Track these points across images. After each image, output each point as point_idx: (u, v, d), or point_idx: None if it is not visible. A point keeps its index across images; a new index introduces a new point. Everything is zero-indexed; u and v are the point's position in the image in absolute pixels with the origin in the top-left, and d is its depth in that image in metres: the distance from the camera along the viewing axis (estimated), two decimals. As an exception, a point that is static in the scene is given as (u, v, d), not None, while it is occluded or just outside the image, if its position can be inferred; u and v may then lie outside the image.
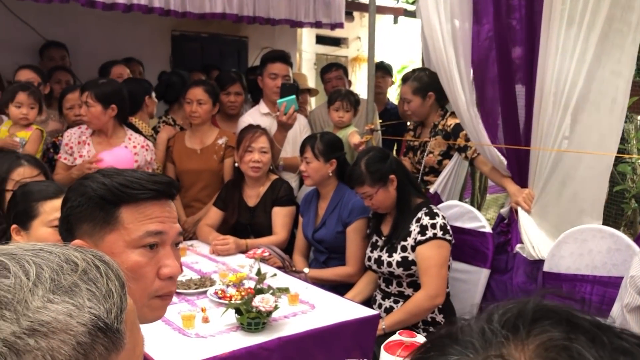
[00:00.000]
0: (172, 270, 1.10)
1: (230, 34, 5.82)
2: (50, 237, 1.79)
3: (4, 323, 0.53)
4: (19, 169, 2.18)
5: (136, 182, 1.08)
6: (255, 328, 1.97)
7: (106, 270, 0.62)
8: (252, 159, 3.06)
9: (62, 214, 1.12)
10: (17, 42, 4.43)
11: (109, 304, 0.59)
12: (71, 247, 0.63)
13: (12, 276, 0.56)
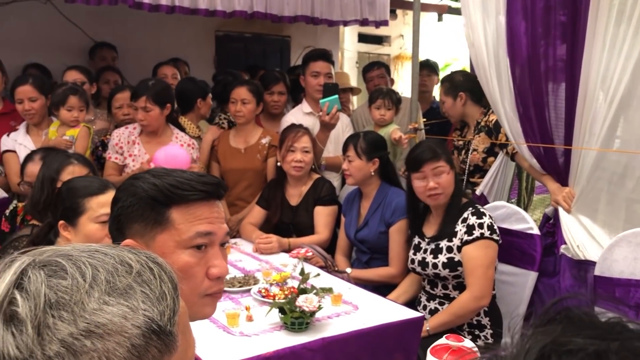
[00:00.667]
0: (221, 270, 1.11)
1: (273, 33, 5.85)
2: (98, 233, 1.82)
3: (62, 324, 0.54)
4: (69, 167, 2.23)
5: (186, 183, 1.09)
6: (299, 328, 1.97)
7: (159, 272, 0.62)
8: (294, 158, 3.06)
9: (112, 213, 1.13)
10: (68, 43, 4.55)
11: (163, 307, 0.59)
12: (125, 249, 0.63)
13: (69, 277, 0.57)
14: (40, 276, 0.57)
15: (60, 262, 0.59)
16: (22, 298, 0.55)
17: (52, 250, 0.62)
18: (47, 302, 0.55)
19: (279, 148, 3.18)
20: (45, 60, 4.11)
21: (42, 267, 0.58)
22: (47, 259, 0.60)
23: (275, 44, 5.99)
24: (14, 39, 4.17)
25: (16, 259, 0.60)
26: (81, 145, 3.05)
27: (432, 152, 2.47)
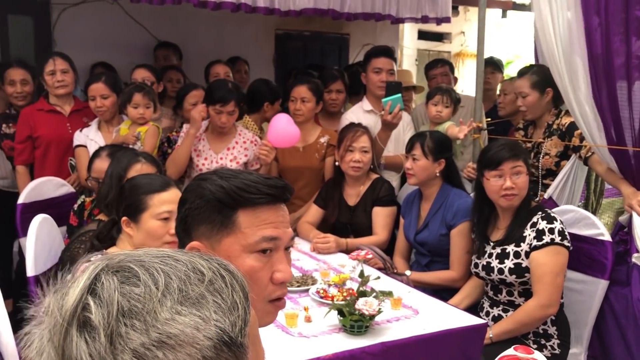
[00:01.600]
0: (285, 275, 1.09)
1: (331, 31, 5.82)
2: (160, 230, 1.84)
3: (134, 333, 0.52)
4: (137, 165, 2.28)
5: (253, 186, 1.07)
6: (358, 331, 1.93)
7: (231, 281, 0.59)
8: (352, 158, 3.02)
9: (179, 214, 1.13)
10: (132, 42, 4.67)
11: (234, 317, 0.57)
12: (196, 254, 0.62)
13: (141, 285, 0.56)
14: (114, 282, 0.56)
15: (132, 268, 0.58)
16: (95, 305, 0.55)
17: (124, 254, 0.61)
18: (120, 310, 0.54)
19: (337, 147, 3.15)
20: (112, 59, 4.23)
21: (115, 273, 0.57)
22: (120, 264, 0.59)
23: (334, 42, 5.96)
24: (82, 38, 4.31)
25: (90, 263, 0.59)
26: (149, 143, 3.12)
27: (512, 150, 2.38)
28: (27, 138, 3.38)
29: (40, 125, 3.37)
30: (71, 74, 3.42)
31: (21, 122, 3.41)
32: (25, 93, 3.63)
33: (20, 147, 3.42)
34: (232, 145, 3.28)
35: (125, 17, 4.65)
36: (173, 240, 1.86)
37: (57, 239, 2.48)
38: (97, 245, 1.95)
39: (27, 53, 4.39)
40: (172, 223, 1.86)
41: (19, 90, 3.61)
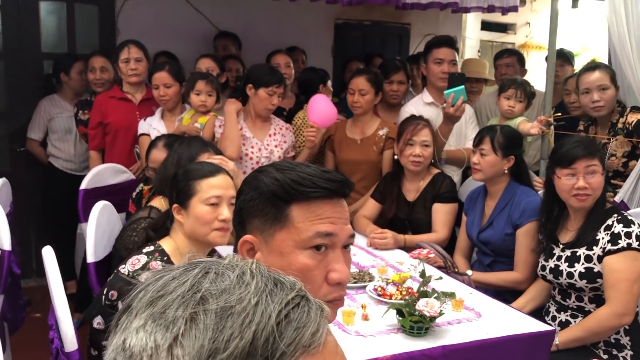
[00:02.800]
0: (341, 275, 1.02)
1: (392, 21, 5.70)
2: (208, 215, 1.82)
3: None
4: (205, 154, 2.28)
5: (309, 179, 1.01)
6: (418, 333, 1.85)
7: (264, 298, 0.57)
8: (412, 152, 2.93)
9: (236, 206, 1.10)
10: (193, 32, 4.69)
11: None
12: (286, 289, 0.57)
13: (227, 330, 0.54)
14: (212, 321, 0.53)
15: (231, 305, 0.54)
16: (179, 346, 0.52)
17: (234, 267, 0.58)
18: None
19: (396, 141, 3.06)
20: (173, 48, 4.26)
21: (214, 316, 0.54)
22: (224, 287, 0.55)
23: (395, 32, 5.84)
24: (145, 27, 4.35)
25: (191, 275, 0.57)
26: (209, 132, 3.12)
27: (587, 148, 2.23)
28: (99, 124, 3.48)
29: (111, 112, 3.45)
30: (144, 63, 3.47)
31: (94, 109, 3.52)
32: (103, 80, 3.73)
33: (92, 133, 3.52)
34: (272, 132, 3.25)
35: (186, 6, 4.68)
36: (222, 227, 1.84)
37: (116, 226, 2.50)
38: (153, 236, 1.95)
39: (92, 41, 4.49)
40: (221, 209, 1.84)
41: (97, 77, 3.73)
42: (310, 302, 0.57)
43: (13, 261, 2.26)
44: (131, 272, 1.75)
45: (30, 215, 4.06)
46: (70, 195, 3.58)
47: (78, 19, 4.44)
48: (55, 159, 4.02)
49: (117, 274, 1.77)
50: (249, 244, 1.04)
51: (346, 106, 3.54)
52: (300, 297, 0.57)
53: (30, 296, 3.84)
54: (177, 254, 1.85)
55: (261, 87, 3.10)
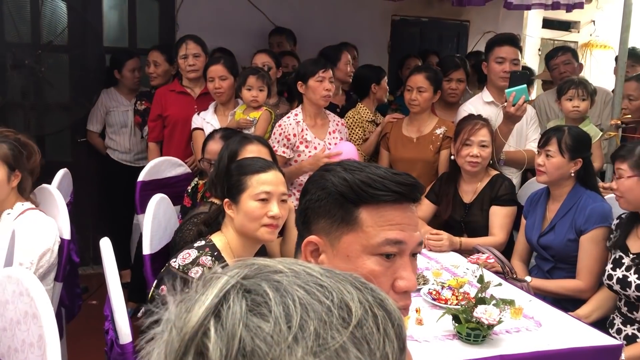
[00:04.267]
0: (408, 284, 0.97)
1: (451, 17, 5.58)
2: (257, 211, 1.81)
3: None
4: (250, 146, 2.27)
5: (379, 181, 0.97)
6: (475, 340, 1.79)
7: (385, 324, 0.48)
8: (470, 153, 2.83)
9: (300, 205, 1.06)
10: (250, 27, 4.71)
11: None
12: (348, 278, 0.51)
13: (271, 320, 0.45)
14: (241, 308, 0.46)
15: (266, 291, 0.48)
16: (216, 334, 0.46)
17: (261, 266, 0.52)
18: (241, 350, 0.45)
19: (453, 140, 2.97)
20: (230, 43, 4.28)
21: (246, 294, 0.48)
22: (254, 282, 0.49)
23: (453, 29, 5.71)
24: (203, 23, 4.40)
25: (224, 274, 0.51)
26: (261, 127, 3.12)
27: (629, 153, 2.12)
28: (158, 117, 3.55)
29: (170, 106, 3.51)
30: (202, 58, 3.51)
31: (155, 101, 3.59)
32: (156, 74, 3.82)
33: (151, 125, 3.60)
34: (332, 129, 3.21)
35: (244, 1, 4.71)
36: (271, 223, 1.81)
37: (172, 219, 2.53)
38: (205, 230, 1.95)
39: (152, 36, 4.57)
40: (270, 205, 1.82)
41: (151, 71, 3.83)
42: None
43: (72, 250, 2.31)
44: (181, 266, 1.75)
45: (88, 204, 4.17)
46: (126, 185, 3.71)
47: (139, 13, 4.53)
48: (112, 151, 4.13)
49: (167, 268, 1.77)
50: (313, 244, 1.00)
51: (402, 104, 3.48)
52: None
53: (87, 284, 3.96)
54: (227, 249, 1.85)
55: (309, 78, 3.07)
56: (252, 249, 1.91)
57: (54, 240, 2.12)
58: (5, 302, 1.38)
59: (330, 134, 3.19)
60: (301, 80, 3.07)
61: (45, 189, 2.40)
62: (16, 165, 2.16)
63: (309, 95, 3.08)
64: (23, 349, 1.28)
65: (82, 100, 4.00)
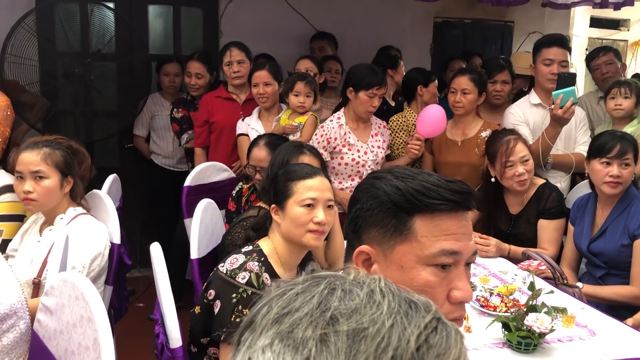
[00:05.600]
0: (464, 295, 0.95)
1: (494, 18, 5.49)
2: (303, 217, 1.81)
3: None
4: (302, 157, 2.28)
5: (434, 189, 0.94)
6: (526, 349, 1.75)
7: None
8: (515, 173, 2.69)
9: (350, 214, 1.04)
10: (291, 33, 4.74)
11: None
12: (420, 310, 0.52)
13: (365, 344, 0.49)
14: (344, 343, 0.49)
15: (364, 327, 0.49)
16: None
17: (362, 284, 0.54)
18: None
19: (489, 163, 2.83)
20: (272, 49, 4.32)
21: (347, 337, 0.50)
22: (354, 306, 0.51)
23: (497, 30, 5.62)
24: (246, 29, 4.45)
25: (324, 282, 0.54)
26: (307, 132, 3.13)
27: None
28: (204, 123, 3.61)
29: (217, 112, 3.56)
30: (247, 64, 3.55)
31: (201, 108, 3.65)
32: (198, 85, 3.87)
33: (198, 131, 3.66)
34: (374, 132, 3.19)
35: (286, 7, 4.74)
36: (316, 229, 1.81)
37: (218, 223, 2.56)
38: (253, 235, 1.96)
39: (196, 43, 4.65)
40: (316, 211, 1.81)
41: (192, 82, 3.87)
42: (448, 326, 0.52)
43: (124, 253, 2.36)
44: (229, 270, 1.76)
45: (135, 209, 4.26)
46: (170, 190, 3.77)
47: (183, 21, 4.61)
48: (155, 156, 4.22)
49: (216, 272, 1.79)
50: (365, 254, 0.98)
51: (446, 106, 3.44)
52: (437, 320, 0.52)
53: (134, 286, 4.04)
54: (274, 254, 1.85)
55: (361, 90, 3.06)
56: (298, 254, 1.91)
57: (104, 244, 2.18)
58: (61, 305, 1.42)
59: (373, 137, 3.18)
60: (352, 87, 3.07)
61: (96, 194, 2.46)
62: (68, 171, 2.22)
63: (356, 104, 3.08)
64: (79, 352, 1.32)
65: (129, 107, 4.10)
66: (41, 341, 1.49)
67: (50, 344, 1.45)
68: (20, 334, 1.62)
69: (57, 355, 1.41)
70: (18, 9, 3.88)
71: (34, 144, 2.20)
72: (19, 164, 2.16)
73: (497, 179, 2.79)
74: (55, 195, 2.18)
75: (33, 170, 2.15)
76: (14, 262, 2.17)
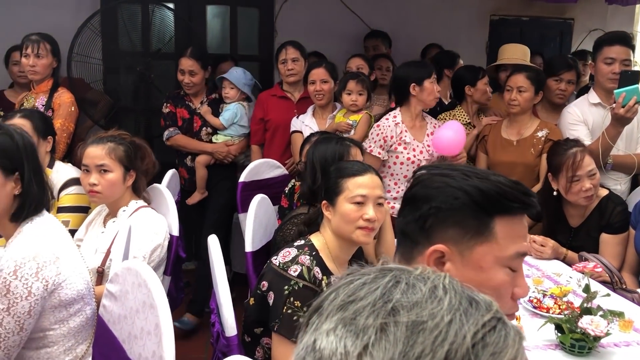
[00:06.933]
0: (525, 291, 1.01)
1: (553, 16, 5.36)
2: (353, 214, 1.83)
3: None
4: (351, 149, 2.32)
5: (510, 192, 0.97)
6: (579, 352, 1.72)
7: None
8: (582, 188, 2.55)
9: (418, 210, 1.02)
10: (345, 31, 4.78)
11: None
12: (481, 309, 0.54)
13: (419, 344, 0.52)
14: (402, 334, 0.52)
15: (423, 320, 0.52)
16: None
17: (424, 280, 0.57)
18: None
19: (553, 176, 2.68)
20: (326, 48, 4.37)
21: (406, 327, 0.53)
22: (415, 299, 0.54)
23: (555, 28, 5.48)
24: (301, 28, 4.51)
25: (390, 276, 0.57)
26: (361, 130, 3.16)
27: None
28: (260, 120, 3.67)
29: (271, 110, 3.63)
30: (301, 63, 3.60)
31: (257, 106, 3.72)
32: (192, 83, 3.59)
33: (254, 129, 3.73)
34: (429, 131, 3.17)
35: (340, 5, 4.78)
36: (366, 226, 1.83)
37: (272, 218, 2.62)
38: (305, 230, 2.01)
39: (251, 42, 4.75)
40: (366, 208, 1.84)
41: (186, 81, 3.59)
42: (508, 327, 0.54)
43: (180, 246, 2.45)
44: (282, 263, 1.81)
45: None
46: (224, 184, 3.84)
47: (240, 21, 4.71)
48: None
49: (269, 265, 1.84)
50: (439, 253, 0.99)
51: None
52: (496, 320, 0.54)
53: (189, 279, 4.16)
54: (325, 249, 1.89)
55: (425, 80, 3.05)
56: (349, 250, 1.94)
57: (164, 236, 2.27)
58: (125, 292, 1.50)
59: (428, 136, 3.17)
60: (415, 83, 3.05)
61: (156, 188, 2.56)
62: (131, 165, 2.32)
63: (423, 96, 3.05)
64: (142, 336, 1.39)
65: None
66: (106, 325, 1.57)
67: (115, 328, 1.53)
68: (86, 319, 1.72)
69: (120, 338, 1.49)
70: (83, 10, 4.07)
71: (100, 139, 2.31)
72: (86, 157, 2.28)
73: (559, 192, 2.67)
74: (118, 188, 2.29)
75: (98, 164, 2.25)
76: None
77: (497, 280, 0.97)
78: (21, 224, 1.65)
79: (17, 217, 1.65)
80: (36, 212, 1.67)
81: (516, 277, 1.00)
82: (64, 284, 1.61)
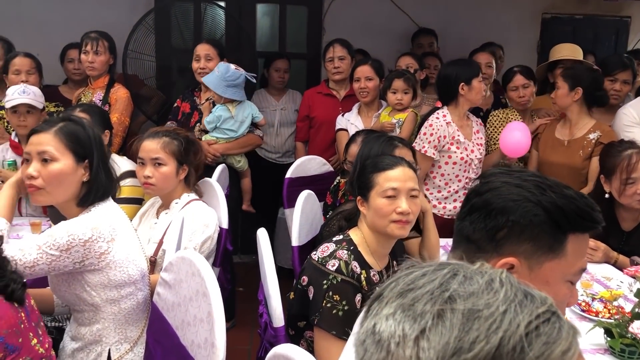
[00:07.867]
0: (576, 299, 1.07)
1: (609, 14, 5.21)
2: (385, 207, 1.84)
3: None
4: (396, 150, 2.33)
5: (586, 211, 1.00)
6: (629, 357, 1.69)
7: None
8: (637, 191, 2.50)
9: (493, 220, 1.03)
10: (394, 29, 4.77)
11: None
12: (536, 302, 0.58)
13: (472, 333, 0.55)
14: (458, 320, 0.55)
15: (478, 309, 0.55)
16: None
17: (478, 274, 0.59)
18: None
19: (605, 178, 2.61)
20: (374, 46, 4.37)
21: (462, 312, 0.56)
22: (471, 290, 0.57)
23: (611, 26, 5.32)
24: (349, 26, 4.52)
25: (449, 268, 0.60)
26: (407, 129, 3.17)
27: None
28: (305, 117, 3.74)
29: (317, 107, 3.68)
30: (348, 61, 3.63)
31: (303, 103, 3.78)
32: (208, 69, 3.44)
33: (299, 126, 3.80)
34: (475, 129, 3.15)
35: (388, 3, 4.77)
36: (400, 219, 1.83)
37: (317, 214, 2.65)
38: (344, 225, 2.03)
39: (300, 40, 4.79)
40: (399, 201, 1.84)
41: (201, 66, 3.50)
42: (562, 320, 0.57)
43: (227, 239, 2.52)
44: (320, 258, 1.83)
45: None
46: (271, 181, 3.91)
47: (289, 19, 4.77)
48: (259, 148, 4.37)
49: (309, 260, 1.87)
50: (509, 265, 1.00)
51: None
52: (551, 313, 0.56)
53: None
54: (363, 243, 1.90)
55: (473, 79, 3.04)
56: (386, 244, 1.94)
57: (214, 229, 2.33)
58: (179, 280, 1.56)
59: (475, 134, 3.15)
60: (464, 82, 3.04)
61: (207, 182, 2.63)
62: (184, 160, 2.39)
63: (471, 95, 3.05)
64: (195, 323, 1.44)
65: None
66: (160, 312, 1.64)
67: (169, 314, 1.59)
68: (137, 303, 1.79)
69: (174, 325, 1.56)
70: (138, 9, 4.19)
71: (155, 133, 2.39)
72: (141, 150, 2.36)
73: (611, 194, 2.60)
74: (171, 181, 2.36)
75: (153, 157, 2.34)
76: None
77: (561, 295, 1.00)
78: (88, 208, 1.73)
79: (84, 202, 1.73)
80: (102, 199, 1.75)
81: (572, 288, 1.03)
82: (113, 265, 1.67)
